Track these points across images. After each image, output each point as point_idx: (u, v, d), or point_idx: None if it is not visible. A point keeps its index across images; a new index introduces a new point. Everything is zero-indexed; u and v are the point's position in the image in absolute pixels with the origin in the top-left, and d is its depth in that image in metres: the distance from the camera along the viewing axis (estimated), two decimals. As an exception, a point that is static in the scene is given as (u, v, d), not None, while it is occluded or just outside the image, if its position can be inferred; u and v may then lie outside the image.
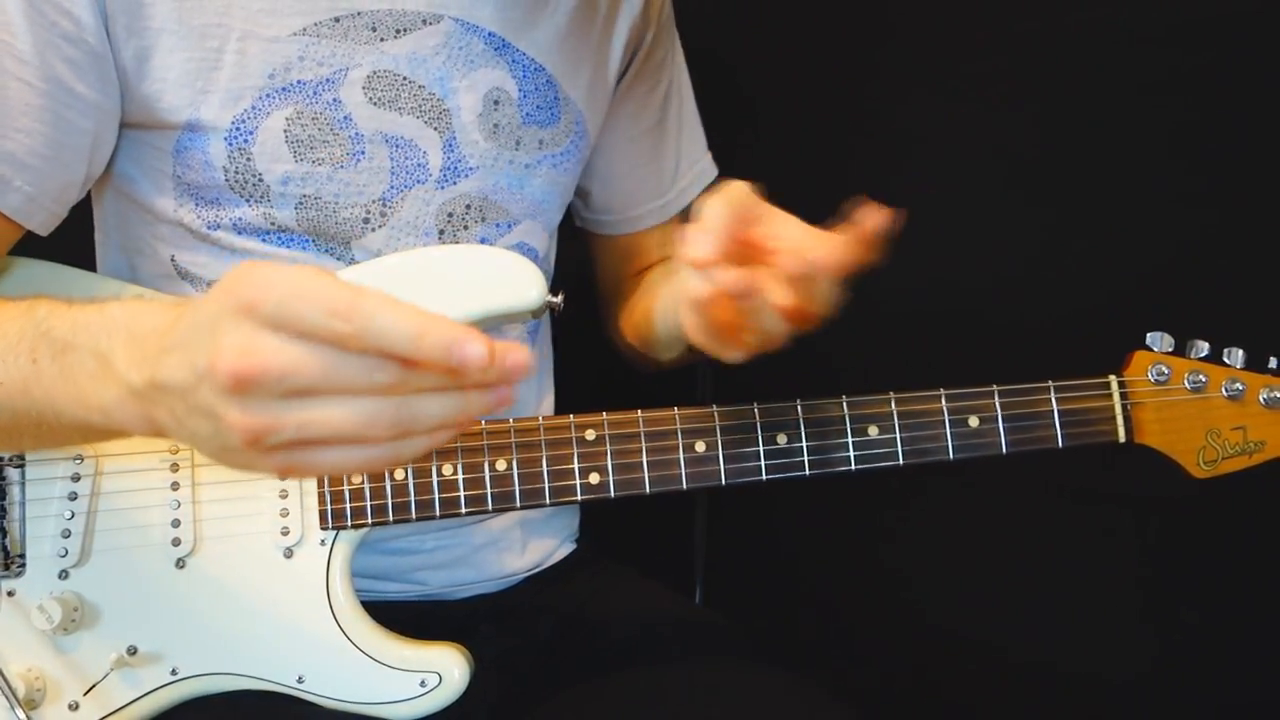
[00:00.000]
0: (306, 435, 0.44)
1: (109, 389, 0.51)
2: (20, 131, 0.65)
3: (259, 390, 0.43)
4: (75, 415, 0.53)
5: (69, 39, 0.65)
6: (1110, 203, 1.10)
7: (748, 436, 0.71)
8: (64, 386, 0.53)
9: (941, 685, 1.19)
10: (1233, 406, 0.75)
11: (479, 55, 0.76)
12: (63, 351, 0.53)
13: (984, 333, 1.10)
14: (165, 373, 0.47)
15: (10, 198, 0.66)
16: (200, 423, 0.46)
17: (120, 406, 0.50)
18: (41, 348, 0.54)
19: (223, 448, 0.46)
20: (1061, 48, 1.08)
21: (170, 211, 0.73)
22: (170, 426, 0.49)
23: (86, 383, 0.52)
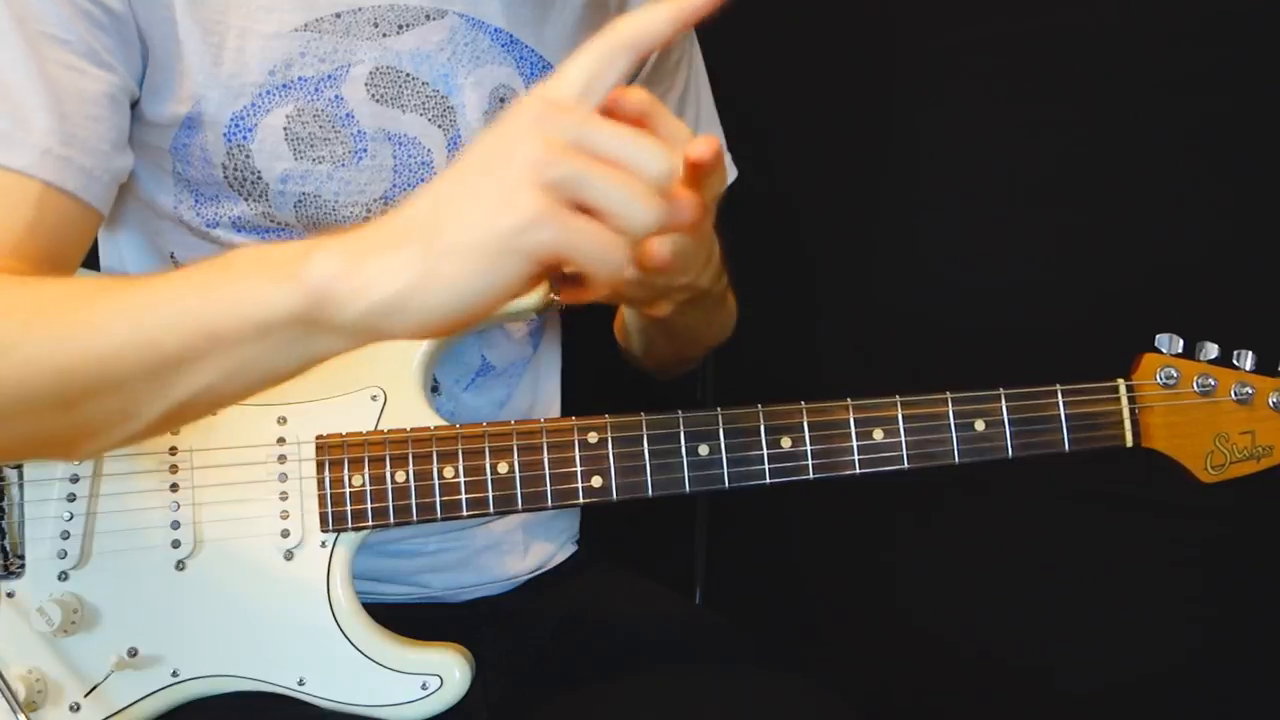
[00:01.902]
0: (592, 178, 0.44)
1: (318, 255, 0.47)
2: (87, 119, 0.64)
3: (561, 122, 0.45)
4: (258, 296, 0.48)
5: (103, 27, 0.65)
6: (1119, 204, 1.09)
7: (752, 439, 0.71)
8: (256, 274, 0.49)
9: (942, 687, 1.19)
10: (1242, 411, 0.75)
11: (485, 51, 0.75)
12: (263, 251, 0.50)
13: (990, 336, 1.10)
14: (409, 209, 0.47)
15: (94, 188, 0.65)
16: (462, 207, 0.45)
17: (328, 262, 0.46)
18: (238, 257, 0.50)
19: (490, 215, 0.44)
20: (1069, 48, 1.08)
21: (169, 208, 0.73)
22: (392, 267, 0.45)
23: (284, 258, 0.48)
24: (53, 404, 0.54)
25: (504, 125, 0.46)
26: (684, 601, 0.90)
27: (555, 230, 0.44)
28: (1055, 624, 1.17)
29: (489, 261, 0.45)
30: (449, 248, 0.45)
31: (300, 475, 0.69)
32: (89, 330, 0.52)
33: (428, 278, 0.45)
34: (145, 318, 0.51)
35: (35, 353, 0.53)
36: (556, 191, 0.44)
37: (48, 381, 0.53)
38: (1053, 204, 1.11)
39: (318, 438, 0.69)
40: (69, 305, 0.54)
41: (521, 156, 0.44)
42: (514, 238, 0.44)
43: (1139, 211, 1.08)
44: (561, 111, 0.46)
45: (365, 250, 0.47)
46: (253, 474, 0.69)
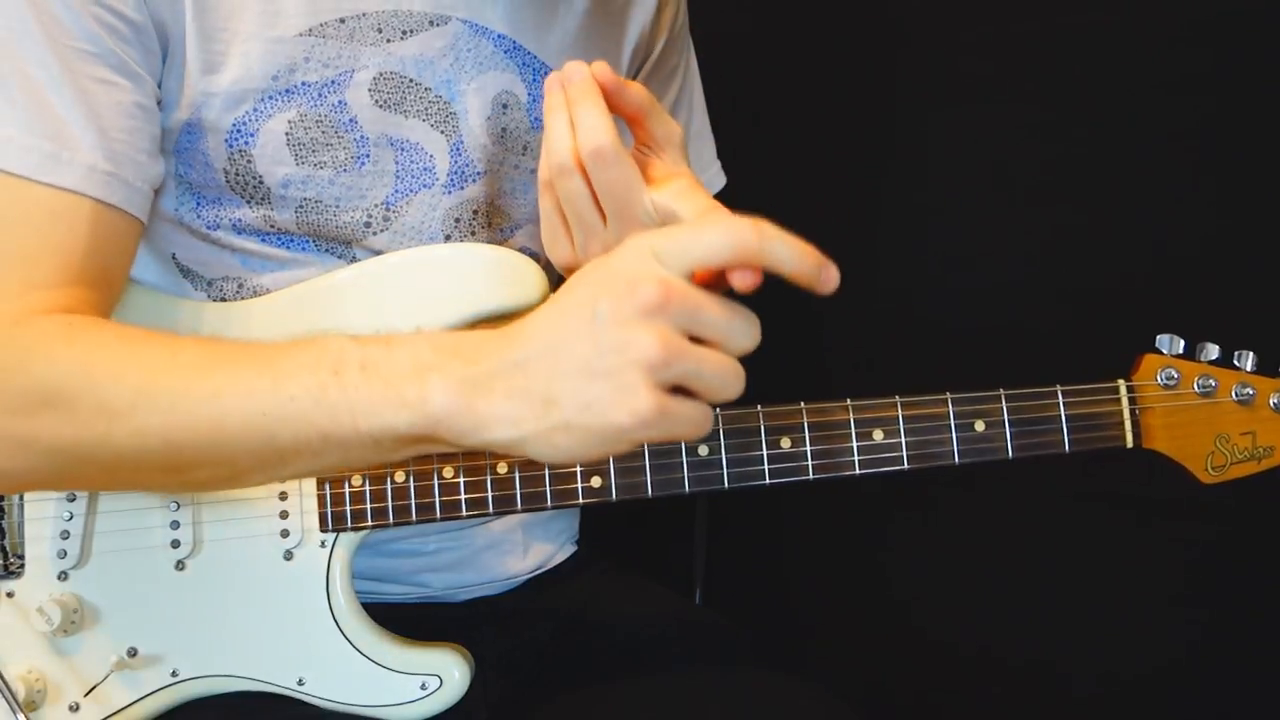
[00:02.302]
0: (701, 369, 0.49)
1: (433, 383, 0.51)
2: (123, 131, 0.64)
3: (671, 312, 0.48)
4: (380, 416, 0.52)
5: (125, 39, 0.65)
6: (1119, 204, 1.09)
7: (751, 440, 0.71)
8: (370, 388, 0.52)
9: (941, 686, 1.19)
10: (1242, 411, 0.74)
11: (488, 58, 0.75)
12: (374, 362, 0.53)
13: (991, 336, 1.10)
14: (525, 350, 0.50)
15: (137, 200, 0.66)
16: (573, 382, 0.49)
17: (445, 397, 0.50)
18: (348, 362, 0.53)
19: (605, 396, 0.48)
20: (1069, 48, 1.07)
21: (170, 210, 0.73)
22: (507, 411, 0.50)
23: (400, 381, 0.51)
24: (161, 468, 0.57)
25: (619, 300, 0.49)
26: (684, 601, 0.90)
27: (662, 428, 0.49)
28: (1055, 624, 1.17)
29: (600, 444, 0.50)
30: (565, 424, 0.49)
31: (300, 475, 0.69)
32: (201, 413, 0.55)
33: (541, 440, 0.50)
34: (258, 411, 0.54)
35: (146, 424, 0.55)
36: (668, 384, 0.49)
37: (157, 451, 0.56)
38: (1053, 204, 1.11)
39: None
40: (182, 378, 0.56)
41: (641, 353, 0.48)
42: (628, 434, 0.49)
43: (1139, 212, 1.08)
44: (675, 298, 0.48)
45: (481, 390, 0.50)
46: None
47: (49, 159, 0.61)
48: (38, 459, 0.58)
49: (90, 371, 0.56)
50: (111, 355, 0.57)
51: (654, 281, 0.48)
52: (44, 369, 0.57)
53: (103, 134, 0.63)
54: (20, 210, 0.61)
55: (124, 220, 0.65)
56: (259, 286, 0.74)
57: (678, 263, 0.50)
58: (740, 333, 0.50)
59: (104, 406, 0.55)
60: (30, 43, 0.62)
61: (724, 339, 0.50)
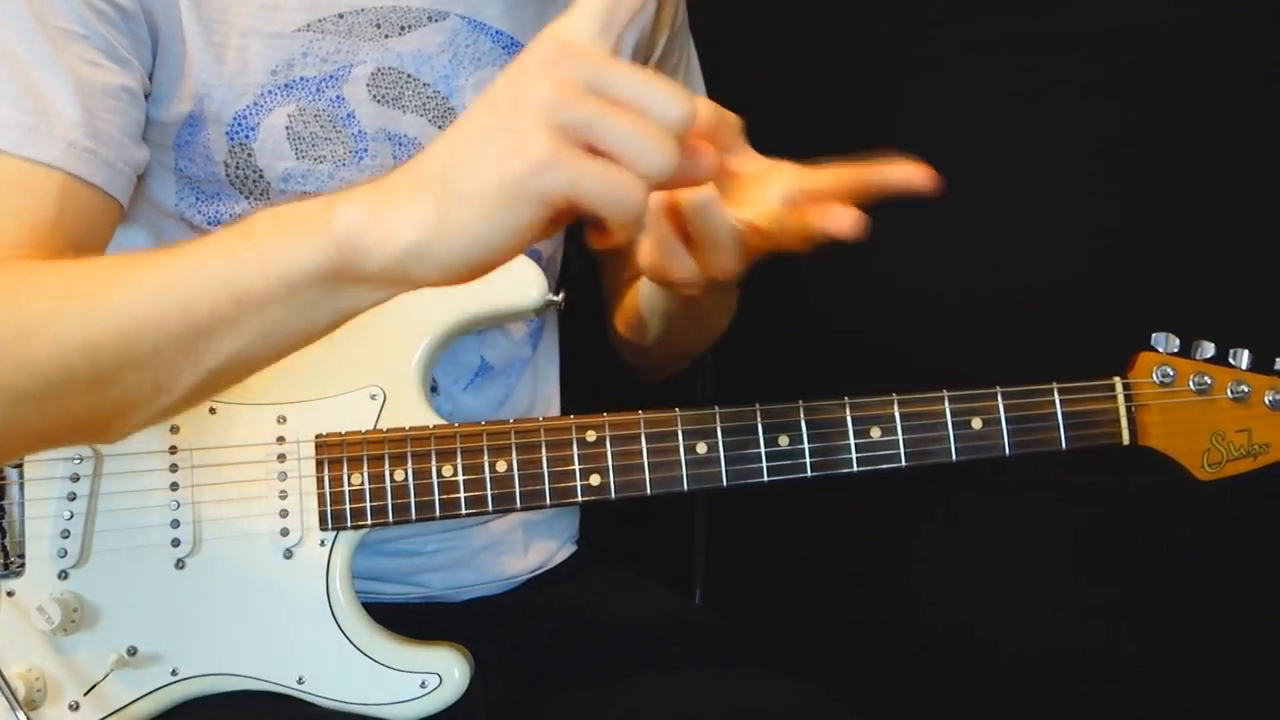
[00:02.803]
0: (609, 123, 0.43)
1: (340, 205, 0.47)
2: (109, 112, 0.64)
3: (573, 64, 0.43)
4: (287, 254, 0.48)
5: (115, 25, 0.65)
6: (1115, 203, 1.09)
7: (749, 438, 0.71)
8: (277, 232, 0.49)
9: (942, 686, 1.19)
10: (1238, 409, 0.75)
11: (486, 53, 0.75)
12: (284, 212, 0.50)
13: (987, 334, 1.10)
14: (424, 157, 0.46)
15: (118, 181, 0.65)
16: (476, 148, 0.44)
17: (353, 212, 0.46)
18: (259, 218, 0.50)
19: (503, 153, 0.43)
20: (1069, 49, 1.08)
21: (171, 205, 0.73)
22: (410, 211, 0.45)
23: (307, 216, 0.48)
24: (85, 382, 0.53)
25: (516, 68, 0.45)
26: (684, 601, 0.90)
27: (567, 173, 0.43)
28: (1057, 624, 1.17)
29: (503, 206, 0.44)
30: (463, 194, 0.44)
31: (300, 474, 0.69)
32: (117, 305, 0.52)
33: (445, 225, 0.45)
34: (172, 288, 0.51)
35: (65, 332, 0.52)
36: (569, 134, 0.43)
37: (79, 359, 0.52)
38: (1049, 203, 1.11)
39: (317, 437, 0.69)
40: (95, 282, 0.53)
41: (533, 99, 0.43)
42: (526, 182, 0.43)
43: (1135, 210, 1.09)
44: (575, 53, 0.44)
45: (385, 199, 0.46)
46: (252, 473, 0.69)
47: (29, 132, 0.61)
48: None
49: (10, 295, 0.54)
50: (31, 276, 0.56)
51: (551, 40, 0.45)
52: None
53: (88, 112, 0.63)
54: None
55: (100, 199, 0.65)
56: (259, 285, 0.74)
57: (581, 24, 0.45)
58: (661, 99, 0.44)
59: (22, 325, 0.53)
60: (18, 21, 0.62)
61: (642, 103, 0.44)
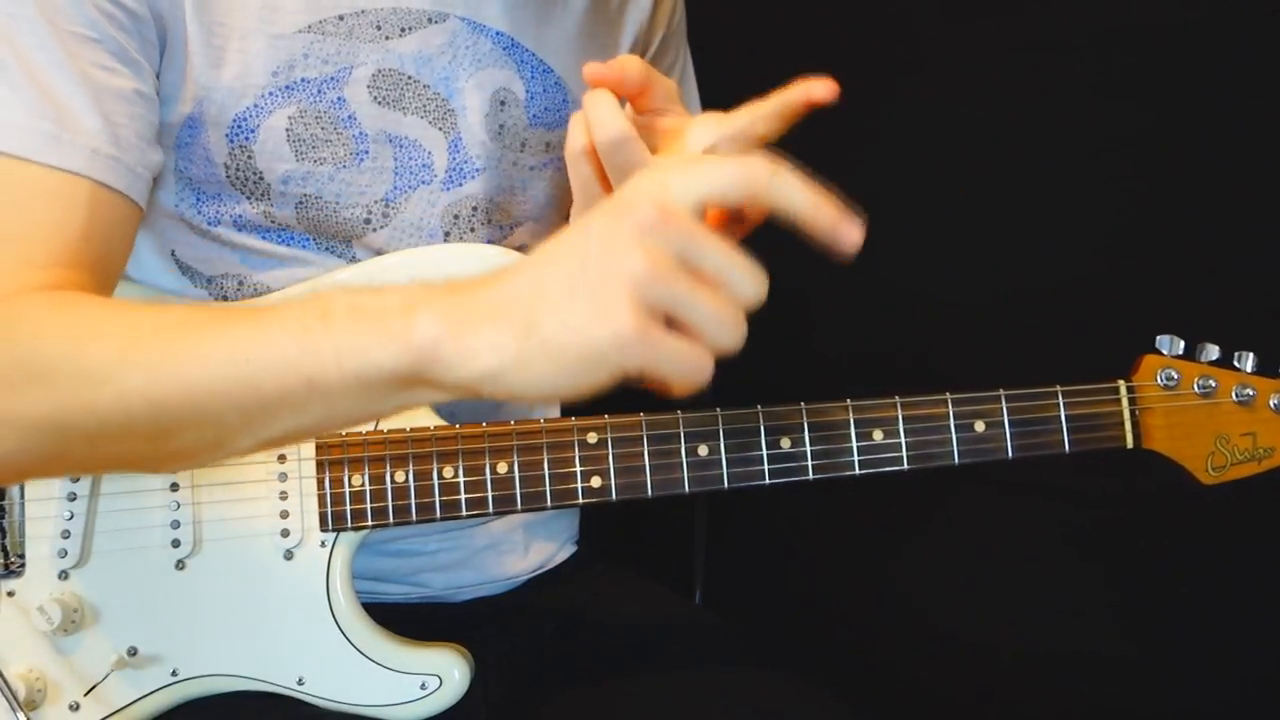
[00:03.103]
0: (694, 302, 0.45)
1: (420, 315, 0.48)
2: (126, 117, 0.64)
3: (667, 234, 0.45)
4: (363, 354, 0.49)
5: (125, 30, 0.65)
6: (1120, 205, 1.09)
7: (751, 440, 0.71)
8: (355, 325, 0.49)
9: (941, 686, 1.19)
10: (1242, 412, 0.74)
11: (486, 55, 0.75)
12: (363, 302, 0.50)
13: (991, 336, 1.10)
14: (511, 279, 0.47)
15: (138, 186, 0.65)
16: (559, 302, 0.45)
17: (431, 325, 0.47)
18: (337, 303, 0.50)
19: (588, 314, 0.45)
20: (1070, 48, 1.07)
21: (170, 206, 0.73)
22: (495, 340, 0.46)
23: (386, 316, 0.48)
24: (144, 434, 0.54)
25: (615, 219, 0.46)
26: (684, 601, 0.90)
27: (646, 354, 0.45)
28: (1058, 625, 1.17)
29: (580, 368, 0.46)
30: (543, 344, 0.46)
31: (300, 475, 0.69)
32: (186, 367, 0.52)
33: (521, 365, 0.46)
34: (243, 362, 0.51)
35: (130, 386, 0.53)
36: (655, 311, 0.45)
37: (141, 413, 0.53)
38: (1054, 205, 1.11)
39: (317, 438, 0.69)
40: (165, 337, 0.54)
41: (626, 268, 0.45)
42: (607, 353, 0.45)
43: (1139, 212, 1.08)
44: (673, 223, 0.46)
45: (467, 319, 0.47)
46: (252, 474, 0.69)
47: (51, 140, 0.61)
48: (22, 437, 0.55)
49: (74, 336, 0.55)
50: (95, 320, 0.56)
51: (652, 202, 0.46)
52: (29, 340, 0.55)
53: (106, 118, 0.63)
54: (20, 191, 0.61)
55: (124, 204, 0.65)
56: (259, 284, 0.74)
57: (687, 192, 0.47)
58: (742, 278, 0.47)
59: (87, 372, 0.53)
60: (31, 28, 0.62)
61: (725, 280, 0.47)
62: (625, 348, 0.45)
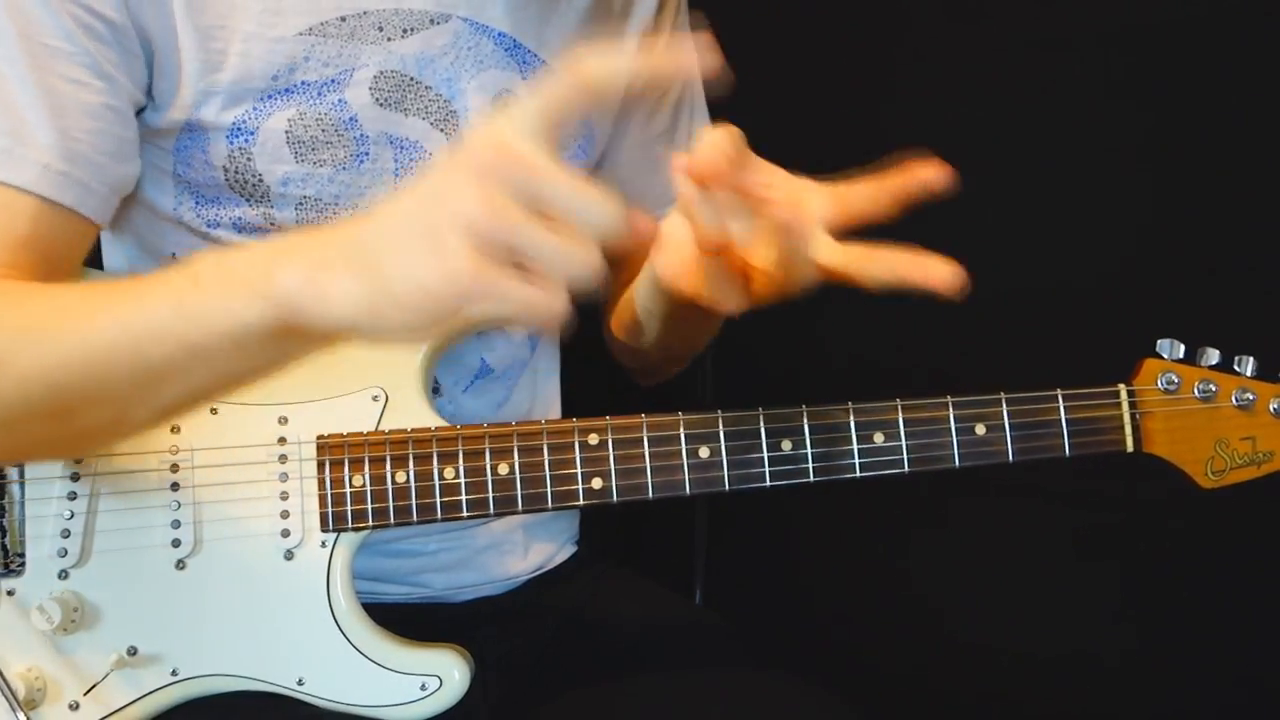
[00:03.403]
0: (535, 241, 0.44)
1: (281, 265, 0.48)
2: (86, 133, 0.64)
3: (505, 173, 0.44)
4: (231, 311, 0.50)
5: (102, 39, 0.65)
6: (1120, 208, 1.09)
7: (752, 442, 0.71)
8: (222, 286, 0.50)
9: (942, 686, 1.19)
10: (1242, 416, 0.75)
11: (488, 55, 0.75)
12: (228, 263, 0.51)
13: (991, 339, 1.10)
14: (367, 226, 0.47)
15: (91, 201, 0.66)
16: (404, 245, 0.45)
17: (292, 275, 0.48)
18: (205, 268, 0.52)
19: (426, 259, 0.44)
20: (1070, 48, 1.07)
21: (170, 209, 0.73)
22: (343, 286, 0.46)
23: (249, 272, 0.49)
24: (46, 414, 0.56)
25: (453, 161, 0.45)
26: (684, 601, 0.90)
27: (486, 293, 0.44)
28: (1058, 625, 1.17)
29: (424, 310, 0.45)
30: (388, 289, 0.46)
31: (301, 475, 0.69)
32: (75, 345, 0.54)
33: (374, 311, 0.46)
34: (122, 331, 0.53)
35: (28, 368, 0.55)
36: (492, 249, 0.44)
37: (38, 394, 0.55)
38: (1054, 207, 1.11)
39: (319, 437, 0.69)
40: (55, 320, 0.55)
41: (460, 209, 0.44)
42: (443, 293, 0.45)
43: (1141, 215, 1.08)
44: (508, 160, 0.44)
45: (321, 265, 0.48)
46: (253, 474, 0.69)
47: (3, 155, 0.62)
48: None
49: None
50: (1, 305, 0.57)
51: (487, 142, 0.45)
52: None
53: (63, 133, 0.63)
54: None
55: (73, 220, 0.65)
56: (259, 285, 0.74)
57: (520, 122, 0.45)
58: (589, 207, 0.45)
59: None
60: (2, 38, 0.62)
61: (572, 215, 0.45)
62: (463, 289, 0.44)
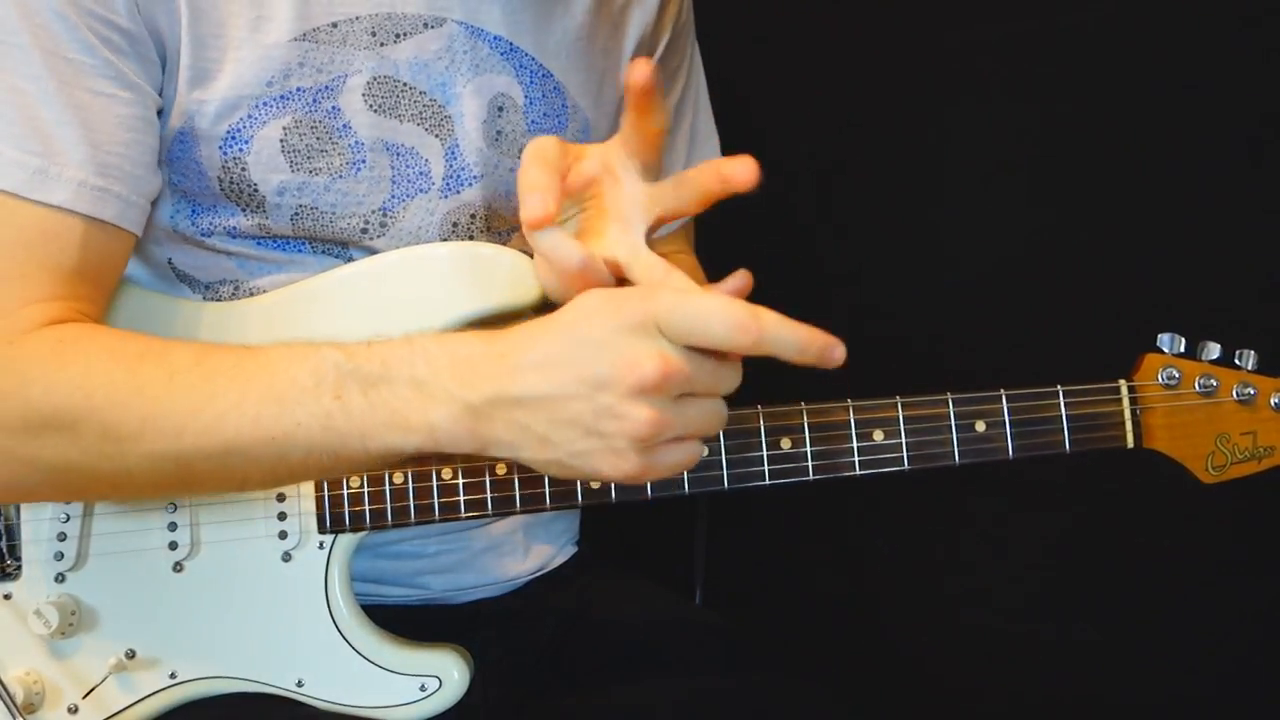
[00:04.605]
0: (686, 430, 0.54)
1: (436, 410, 0.54)
2: (120, 144, 0.64)
3: (667, 390, 0.52)
4: (388, 442, 0.55)
5: (121, 51, 0.65)
6: (1121, 204, 1.09)
7: (751, 440, 0.71)
8: (376, 415, 0.55)
9: (942, 686, 1.19)
10: (1243, 411, 0.74)
11: (484, 60, 0.75)
12: (374, 385, 0.55)
13: (992, 336, 1.10)
14: (523, 386, 0.53)
15: (131, 214, 0.66)
16: (571, 432, 0.53)
17: (450, 424, 0.54)
18: (349, 385, 0.56)
19: (597, 454, 0.53)
20: (1070, 48, 1.07)
21: (165, 218, 0.73)
22: (510, 439, 0.54)
23: (404, 408, 0.55)
24: (172, 487, 0.63)
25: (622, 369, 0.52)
26: (684, 602, 0.90)
27: (646, 479, 0.54)
28: (1057, 625, 1.17)
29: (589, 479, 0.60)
30: (557, 461, 0.54)
31: (298, 477, 0.69)
32: (212, 436, 0.57)
33: (535, 464, 0.55)
34: (269, 439, 0.57)
35: (157, 448, 0.58)
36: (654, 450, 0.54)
37: (171, 472, 0.58)
38: (1055, 203, 1.11)
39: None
40: (183, 400, 0.58)
41: (633, 429, 0.52)
42: (614, 481, 0.55)
43: (1141, 211, 1.08)
44: (674, 378, 0.52)
45: (483, 419, 0.54)
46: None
47: (37, 174, 0.61)
48: (43, 476, 0.60)
49: (90, 396, 0.58)
50: (108, 378, 0.59)
51: (655, 360, 0.51)
52: (40, 395, 0.58)
53: (95, 147, 0.63)
54: (11, 229, 0.62)
55: (115, 234, 0.65)
56: (255, 288, 0.74)
57: (679, 338, 0.53)
58: (727, 382, 0.55)
59: (109, 432, 0.57)
60: (23, 55, 0.62)
61: (712, 392, 0.54)
62: (630, 481, 0.54)
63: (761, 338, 0.52)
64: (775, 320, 0.52)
